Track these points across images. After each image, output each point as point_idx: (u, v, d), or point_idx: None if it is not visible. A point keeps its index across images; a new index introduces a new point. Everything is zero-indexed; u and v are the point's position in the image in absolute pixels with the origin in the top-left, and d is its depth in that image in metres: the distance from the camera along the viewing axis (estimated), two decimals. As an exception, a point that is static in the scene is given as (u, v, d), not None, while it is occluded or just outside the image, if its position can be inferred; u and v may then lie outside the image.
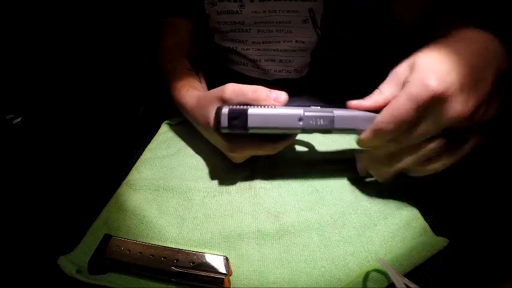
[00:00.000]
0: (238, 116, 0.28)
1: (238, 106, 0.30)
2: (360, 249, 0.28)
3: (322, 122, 0.29)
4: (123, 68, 0.79)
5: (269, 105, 0.31)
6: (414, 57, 0.26)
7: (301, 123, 0.29)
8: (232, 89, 0.32)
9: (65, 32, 0.71)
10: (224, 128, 0.29)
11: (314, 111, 0.29)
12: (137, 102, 0.70)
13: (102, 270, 0.27)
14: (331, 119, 0.29)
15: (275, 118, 0.29)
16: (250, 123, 0.29)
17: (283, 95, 0.31)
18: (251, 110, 0.29)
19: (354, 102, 0.29)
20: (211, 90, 0.36)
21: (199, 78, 0.47)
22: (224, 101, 0.32)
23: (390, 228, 0.30)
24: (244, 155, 0.35)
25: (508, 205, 0.31)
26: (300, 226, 0.30)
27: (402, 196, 0.34)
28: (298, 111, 0.29)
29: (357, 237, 0.30)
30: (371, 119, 0.27)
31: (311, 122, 0.29)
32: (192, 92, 0.42)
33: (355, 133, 0.30)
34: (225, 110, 0.29)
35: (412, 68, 0.25)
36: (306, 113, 0.29)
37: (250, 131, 0.29)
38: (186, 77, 0.46)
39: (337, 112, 0.29)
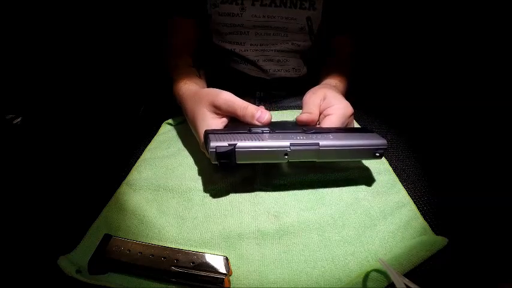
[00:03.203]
0: (227, 154, 0.29)
1: (225, 137, 0.30)
2: (360, 249, 0.28)
3: (307, 155, 0.31)
4: (124, 68, 0.79)
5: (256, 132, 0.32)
6: (324, 92, 0.38)
7: (286, 157, 0.30)
8: (224, 99, 0.34)
9: (65, 32, 0.71)
10: (214, 163, 0.30)
11: (300, 145, 0.30)
12: (137, 102, 0.70)
13: (102, 270, 0.27)
14: (317, 151, 0.31)
15: (262, 153, 0.30)
16: (239, 158, 0.30)
17: (266, 115, 0.34)
18: (239, 146, 0.29)
19: (303, 118, 0.36)
20: (208, 89, 0.37)
21: (199, 74, 0.49)
22: (214, 107, 0.34)
23: (390, 228, 0.30)
24: None
25: (507, 205, 0.32)
26: (300, 226, 0.30)
27: (402, 196, 0.34)
28: (284, 144, 0.30)
29: (357, 237, 0.30)
30: (352, 151, 0.31)
31: (297, 155, 0.30)
32: (189, 86, 0.44)
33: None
34: (213, 145, 0.29)
35: (325, 98, 0.37)
36: (292, 148, 0.30)
37: (238, 162, 0.30)
38: (187, 72, 0.48)
39: (323, 143, 0.31)
